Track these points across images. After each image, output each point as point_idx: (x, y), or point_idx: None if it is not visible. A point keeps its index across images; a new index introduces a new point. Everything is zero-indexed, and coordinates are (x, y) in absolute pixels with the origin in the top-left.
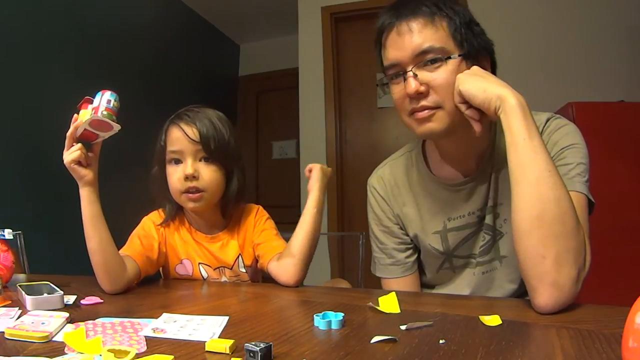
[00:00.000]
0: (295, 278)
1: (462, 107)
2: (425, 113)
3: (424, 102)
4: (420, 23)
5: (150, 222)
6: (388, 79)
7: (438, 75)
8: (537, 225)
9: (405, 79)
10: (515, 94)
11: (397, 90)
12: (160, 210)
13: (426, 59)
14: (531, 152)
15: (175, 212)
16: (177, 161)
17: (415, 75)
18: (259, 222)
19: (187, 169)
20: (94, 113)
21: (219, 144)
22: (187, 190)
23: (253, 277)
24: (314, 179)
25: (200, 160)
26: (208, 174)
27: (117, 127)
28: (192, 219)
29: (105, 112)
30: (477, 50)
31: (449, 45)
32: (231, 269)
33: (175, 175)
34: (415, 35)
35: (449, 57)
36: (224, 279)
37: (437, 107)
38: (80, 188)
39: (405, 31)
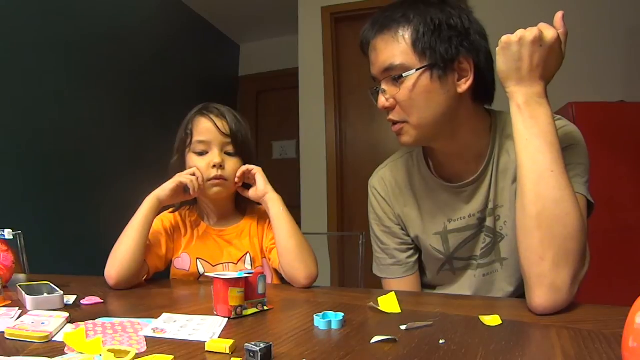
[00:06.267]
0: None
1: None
2: (396, 127)
3: (391, 116)
4: (384, 40)
5: (159, 220)
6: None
7: (401, 91)
8: (536, 225)
9: (378, 93)
10: (523, 89)
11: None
12: (169, 210)
13: (391, 75)
14: (536, 150)
15: (187, 204)
16: (203, 152)
17: (383, 91)
18: (270, 227)
19: (216, 158)
20: None
21: (244, 139)
22: (212, 178)
23: None
24: (263, 182)
25: (225, 153)
26: (232, 165)
27: None
28: (203, 210)
29: None
30: (445, 55)
31: (409, 59)
32: (236, 264)
33: (202, 163)
34: (380, 53)
35: (402, 75)
36: None
37: (403, 122)
38: (154, 197)
39: (373, 49)
